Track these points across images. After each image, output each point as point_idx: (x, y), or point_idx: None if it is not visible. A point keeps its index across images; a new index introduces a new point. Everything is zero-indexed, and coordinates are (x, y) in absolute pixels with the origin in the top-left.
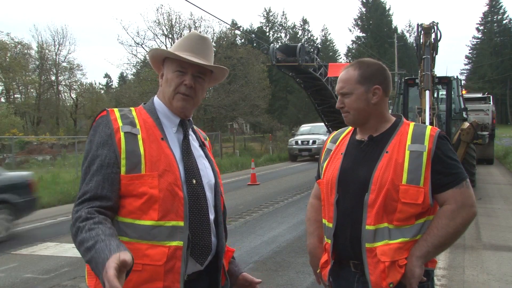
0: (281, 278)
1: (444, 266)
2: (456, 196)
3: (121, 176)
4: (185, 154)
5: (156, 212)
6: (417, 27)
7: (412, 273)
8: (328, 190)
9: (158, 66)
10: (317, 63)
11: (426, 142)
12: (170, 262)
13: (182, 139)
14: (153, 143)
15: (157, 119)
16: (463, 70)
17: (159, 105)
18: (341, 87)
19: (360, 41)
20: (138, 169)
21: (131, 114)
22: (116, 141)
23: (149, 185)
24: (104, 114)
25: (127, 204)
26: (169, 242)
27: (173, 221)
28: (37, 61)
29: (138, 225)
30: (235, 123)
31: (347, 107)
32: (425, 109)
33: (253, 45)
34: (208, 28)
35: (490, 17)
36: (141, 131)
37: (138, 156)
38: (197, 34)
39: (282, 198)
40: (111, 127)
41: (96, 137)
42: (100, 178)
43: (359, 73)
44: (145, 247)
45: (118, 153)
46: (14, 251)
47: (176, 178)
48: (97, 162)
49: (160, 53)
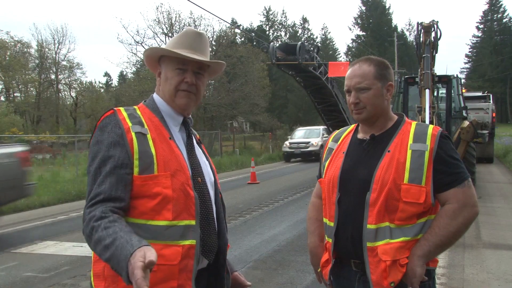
0: (281, 277)
1: (444, 265)
2: (458, 196)
3: (134, 177)
4: (190, 153)
5: (170, 212)
6: (417, 25)
7: (413, 273)
8: (330, 189)
9: (154, 65)
10: (317, 62)
11: (428, 141)
12: (184, 261)
13: (186, 138)
14: (163, 143)
15: (162, 118)
16: (463, 68)
17: (161, 103)
18: (358, 82)
19: (360, 40)
20: (151, 170)
21: (137, 113)
22: (128, 142)
23: (162, 186)
24: (111, 113)
25: (138, 205)
26: (183, 241)
27: (185, 221)
28: (37, 60)
29: (152, 225)
30: (235, 122)
31: (363, 102)
32: (425, 107)
33: (253, 44)
34: (208, 26)
35: (490, 16)
36: (149, 130)
37: (151, 157)
38: (193, 30)
39: (282, 196)
40: (121, 127)
41: (106, 137)
42: (113, 180)
43: (375, 69)
44: (159, 248)
45: (131, 154)
46: (14, 250)
47: (187, 178)
48: (110, 163)
49: (157, 51)
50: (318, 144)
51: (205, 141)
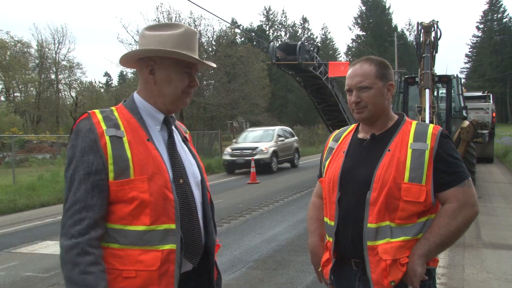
0: (281, 277)
1: (444, 265)
2: (458, 195)
3: (110, 183)
4: (171, 153)
5: (148, 217)
6: (417, 25)
7: (414, 272)
8: (330, 189)
9: (137, 62)
10: (317, 61)
11: (429, 140)
12: (164, 266)
13: (167, 138)
14: (140, 145)
15: (141, 119)
16: (463, 68)
17: (141, 103)
18: (360, 81)
19: (360, 40)
20: (127, 174)
21: (113, 115)
22: (102, 146)
23: (139, 190)
24: (85, 117)
25: (116, 210)
26: (162, 246)
27: (165, 225)
28: (36, 60)
29: (129, 230)
30: (235, 122)
31: (364, 101)
32: (425, 107)
33: (253, 44)
34: (208, 26)
35: (490, 16)
36: (126, 133)
37: (126, 161)
38: (191, 30)
39: (282, 196)
40: (95, 131)
41: (80, 143)
42: (88, 186)
43: (376, 69)
44: (137, 253)
45: (105, 159)
46: (14, 250)
47: (166, 181)
48: (84, 169)
49: (166, 53)
50: (268, 150)
51: (205, 141)
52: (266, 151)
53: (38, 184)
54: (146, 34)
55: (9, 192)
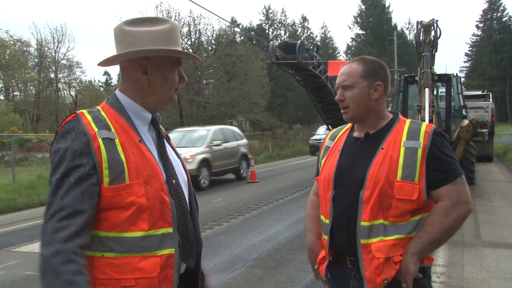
0: (281, 276)
1: (444, 263)
2: (450, 193)
3: (104, 188)
4: (162, 154)
5: (146, 222)
6: (417, 24)
7: (407, 270)
8: (325, 187)
9: (124, 61)
10: (316, 60)
11: (421, 138)
12: (163, 272)
13: (157, 138)
14: (133, 147)
15: (129, 119)
16: (462, 67)
17: (127, 102)
18: (343, 79)
19: (360, 39)
20: (122, 179)
21: (101, 115)
22: (95, 149)
23: (136, 195)
24: (73, 117)
25: (111, 217)
26: (161, 251)
27: (162, 229)
28: (36, 59)
29: (126, 237)
30: (235, 121)
31: (347, 100)
32: (424, 106)
33: (253, 43)
34: (208, 25)
35: (489, 15)
36: (117, 134)
37: (121, 164)
38: (175, 23)
39: (282, 195)
40: (87, 133)
41: (70, 145)
42: (78, 192)
43: (363, 68)
44: (136, 260)
45: (99, 163)
46: (14, 249)
47: (161, 183)
48: (74, 174)
49: (165, 52)
50: (195, 159)
51: None
52: (191, 160)
53: (37, 183)
54: (129, 30)
55: (9, 191)
